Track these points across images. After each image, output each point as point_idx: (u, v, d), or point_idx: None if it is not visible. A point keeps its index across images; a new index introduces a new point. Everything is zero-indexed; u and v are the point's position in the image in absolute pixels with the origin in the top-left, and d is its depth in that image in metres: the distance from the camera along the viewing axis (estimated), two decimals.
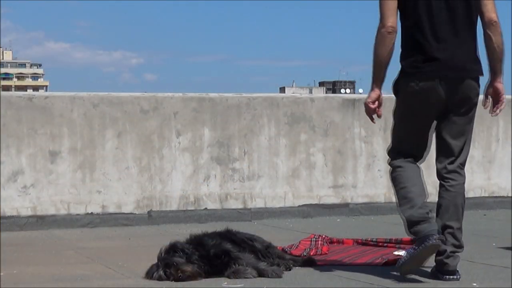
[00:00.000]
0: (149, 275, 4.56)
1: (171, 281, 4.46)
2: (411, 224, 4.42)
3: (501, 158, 8.93)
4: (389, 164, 4.68)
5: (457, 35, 4.47)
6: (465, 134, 4.59)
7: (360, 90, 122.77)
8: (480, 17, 4.54)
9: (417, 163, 4.65)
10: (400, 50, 4.59)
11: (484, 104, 4.63)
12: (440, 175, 4.60)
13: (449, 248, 4.44)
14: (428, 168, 8.46)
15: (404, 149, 4.60)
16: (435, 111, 4.53)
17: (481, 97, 4.65)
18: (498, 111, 4.60)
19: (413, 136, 4.59)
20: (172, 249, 4.62)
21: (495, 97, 4.57)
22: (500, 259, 5.16)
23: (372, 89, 4.56)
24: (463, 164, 4.59)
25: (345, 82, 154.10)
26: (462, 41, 4.48)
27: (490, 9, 4.50)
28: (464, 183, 4.58)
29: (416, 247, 4.35)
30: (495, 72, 4.55)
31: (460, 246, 4.49)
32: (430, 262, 4.57)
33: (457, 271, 4.47)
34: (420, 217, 4.38)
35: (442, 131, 4.57)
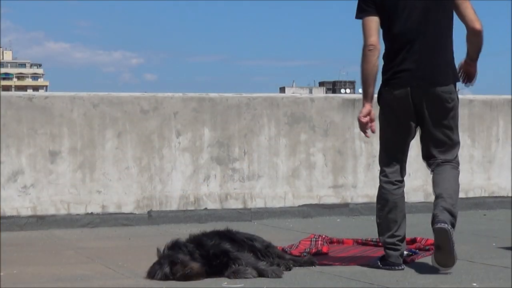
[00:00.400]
0: (151, 274, 4.51)
1: (177, 278, 4.42)
2: (383, 244, 4.94)
3: (501, 158, 8.92)
4: (379, 177, 5.07)
5: (429, 47, 4.79)
6: (446, 136, 4.86)
7: (360, 90, 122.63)
8: (465, 25, 4.84)
9: (402, 174, 4.99)
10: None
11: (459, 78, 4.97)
12: (431, 170, 4.94)
13: (440, 207, 4.68)
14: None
15: (389, 157, 5.00)
16: (411, 118, 4.84)
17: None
18: (468, 86, 5.02)
19: (394, 143, 4.95)
20: (176, 245, 4.61)
21: (469, 77, 4.96)
22: (500, 259, 5.16)
23: (363, 105, 4.92)
24: (449, 160, 4.87)
25: (345, 82, 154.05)
26: (434, 53, 4.80)
27: (473, 18, 4.81)
28: (454, 167, 4.87)
29: (381, 266, 4.87)
30: (472, 59, 4.91)
31: (449, 206, 4.67)
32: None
33: (446, 222, 4.59)
34: (390, 245, 4.88)
35: (424, 138, 4.90)
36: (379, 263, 4.91)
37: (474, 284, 4.34)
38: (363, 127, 4.92)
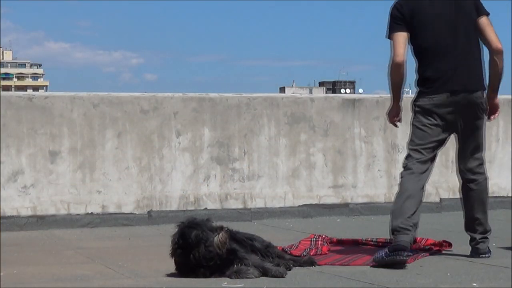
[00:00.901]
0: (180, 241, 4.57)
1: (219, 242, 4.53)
2: (392, 231, 5.08)
3: (501, 158, 8.92)
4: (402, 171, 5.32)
5: (462, 57, 5.20)
6: (477, 139, 5.30)
7: (360, 90, 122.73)
8: (487, 46, 5.27)
9: (427, 170, 5.28)
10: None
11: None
12: (463, 177, 5.37)
13: (478, 236, 5.29)
14: None
15: (416, 153, 5.23)
16: (446, 126, 5.22)
17: None
18: (493, 118, 5.49)
19: (424, 142, 5.23)
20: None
21: (493, 110, 5.42)
22: (500, 259, 5.17)
23: (392, 105, 5.43)
24: (481, 163, 5.34)
25: (345, 82, 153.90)
26: (468, 62, 5.22)
27: (496, 39, 5.24)
28: (485, 179, 5.35)
29: (389, 253, 4.90)
30: (494, 89, 5.34)
31: (486, 231, 5.32)
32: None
33: (488, 250, 5.29)
34: (402, 228, 5.03)
35: (460, 140, 5.30)
36: (383, 255, 4.93)
37: (474, 284, 4.35)
38: (391, 121, 5.50)
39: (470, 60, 5.23)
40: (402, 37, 5.20)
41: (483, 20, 5.24)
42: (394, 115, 5.44)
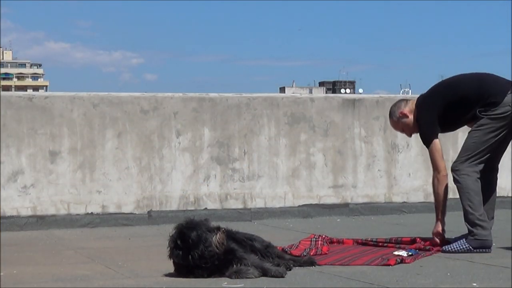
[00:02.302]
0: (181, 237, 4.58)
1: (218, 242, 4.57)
2: (471, 225, 5.54)
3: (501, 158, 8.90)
4: (455, 170, 5.68)
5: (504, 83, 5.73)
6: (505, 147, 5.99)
7: (360, 90, 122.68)
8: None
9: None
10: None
11: None
12: (486, 176, 5.98)
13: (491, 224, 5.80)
14: (428, 168, 8.46)
15: (481, 158, 5.80)
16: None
17: None
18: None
19: (491, 150, 5.82)
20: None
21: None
22: (500, 259, 5.17)
23: (439, 222, 5.75)
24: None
25: (345, 82, 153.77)
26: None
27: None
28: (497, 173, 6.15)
29: (469, 247, 5.47)
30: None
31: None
32: None
33: None
34: (479, 222, 5.53)
35: (503, 143, 5.90)
36: (468, 246, 5.46)
37: (474, 284, 4.34)
38: (438, 239, 5.72)
39: None
40: (440, 147, 5.68)
41: None
42: (441, 233, 5.71)
